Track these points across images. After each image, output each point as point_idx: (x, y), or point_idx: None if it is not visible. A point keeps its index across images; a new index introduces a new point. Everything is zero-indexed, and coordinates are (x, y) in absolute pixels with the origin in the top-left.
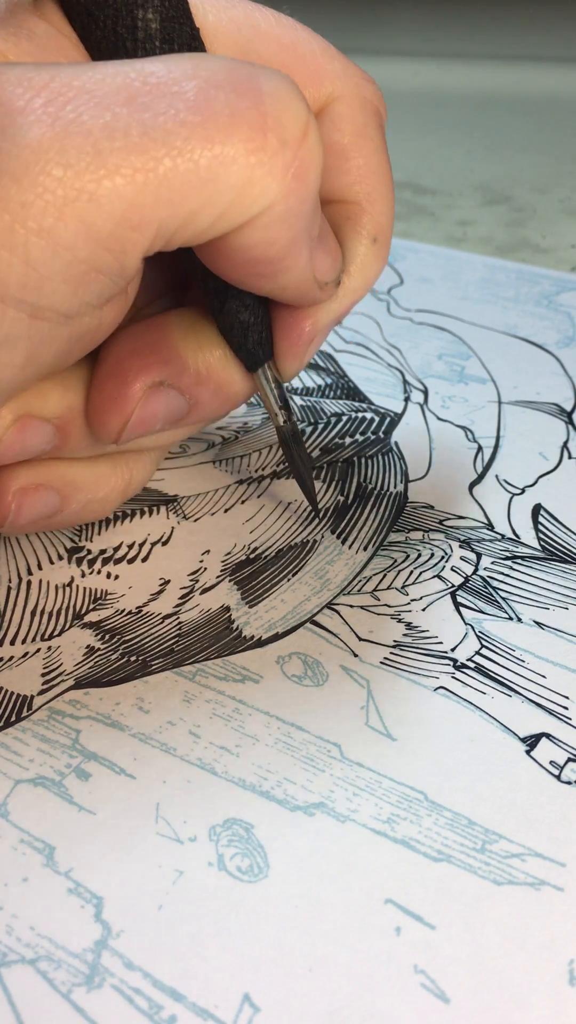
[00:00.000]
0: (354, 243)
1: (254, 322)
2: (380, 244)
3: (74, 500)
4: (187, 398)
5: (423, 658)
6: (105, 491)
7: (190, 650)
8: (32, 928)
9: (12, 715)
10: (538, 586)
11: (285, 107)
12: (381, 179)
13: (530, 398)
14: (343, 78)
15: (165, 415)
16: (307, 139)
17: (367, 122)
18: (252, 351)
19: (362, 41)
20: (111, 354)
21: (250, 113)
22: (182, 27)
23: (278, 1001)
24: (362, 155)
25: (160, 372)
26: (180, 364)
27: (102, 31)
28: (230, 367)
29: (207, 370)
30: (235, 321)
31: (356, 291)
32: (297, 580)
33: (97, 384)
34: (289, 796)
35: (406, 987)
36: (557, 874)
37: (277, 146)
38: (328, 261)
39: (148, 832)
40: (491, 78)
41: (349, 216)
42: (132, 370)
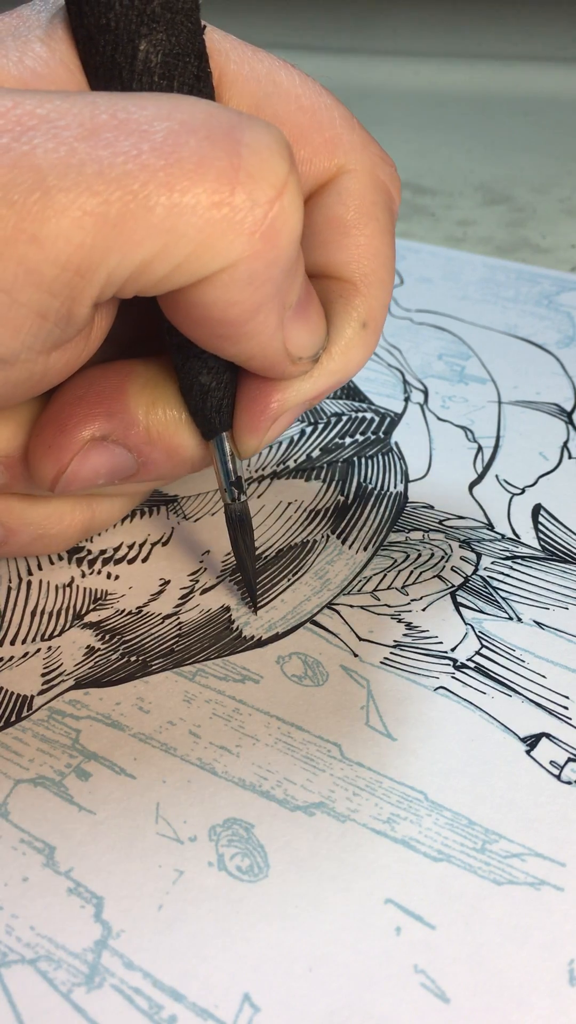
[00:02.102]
0: (342, 324)
1: (215, 387)
2: (370, 330)
3: (22, 534)
4: (135, 456)
5: (423, 658)
6: (58, 528)
7: (190, 650)
8: (32, 928)
9: (12, 715)
10: (538, 586)
11: (262, 161)
12: (381, 263)
13: (530, 398)
14: (359, 152)
15: (108, 471)
16: (282, 199)
17: (376, 201)
18: (208, 418)
19: (362, 41)
20: (59, 398)
21: (220, 163)
22: (187, 65)
23: (278, 1001)
24: (364, 234)
25: (104, 425)
26: (128, 419)
27: (100, 57)
28: (183, 431)
29: (157, 431)
30: (195, 382)
31: (335, 374)
32: (297, 580)
33: (37, 428)
34: (289, 796)
35: (406, 987)
36: (557, 874)
37: (246, 202)
38: (305, 335)
39: (148, 832)
40: (491, 78)
41: (341, 295)
42: (73, 419)
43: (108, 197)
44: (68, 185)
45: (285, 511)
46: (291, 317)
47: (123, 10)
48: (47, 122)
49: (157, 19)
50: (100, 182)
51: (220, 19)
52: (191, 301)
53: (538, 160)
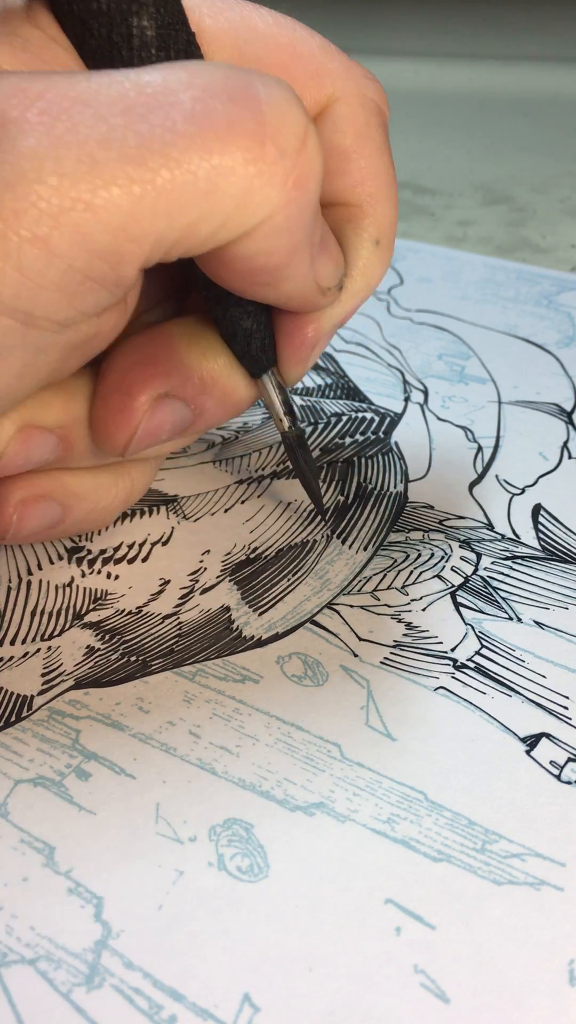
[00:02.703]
0: (356, 246)
1: (257, 329)
2: (383, 246)
3: (76, 510)
4: (192, 408)
5: (423, 658)
6: (107, 501)
7: (190, 650)
8: (32, 928)
9: (12, 715)
10: (538, 586)
11: (283, 115)
12: (384, 180)
13: (530, 398)
14: (344, 78)
15: (171, 426)
16: (306, 147)
17: (369, 122)
18: (256, 358)
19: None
20: (115, 366)
21: (248, 123)
22: (178, 33)
23: (278, 1001)
24: (364, 156)
25: (165, 383)
26: (185, 374)
27: (97, 40)
28: (234, 375)
29: (211, 379)
30: (238, 328)
31: (359, 294)
32: (297, 580)
33: (102, 397)
34: (289, 796)
35: (406, 987)
36: (557, 874)
37: (276, 155)
38: (330, 266)
39: (148, 832)
40: (491, 78)
41: (351, 219)
42: (137, 382)
43: (152, 165)
44: (114, 157)
45: (285, 511)
46: (317, 253)
47: None
48: (81, 102)
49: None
50: (144, 152)
51: None
52: (233, 255)
53: (538, 160)
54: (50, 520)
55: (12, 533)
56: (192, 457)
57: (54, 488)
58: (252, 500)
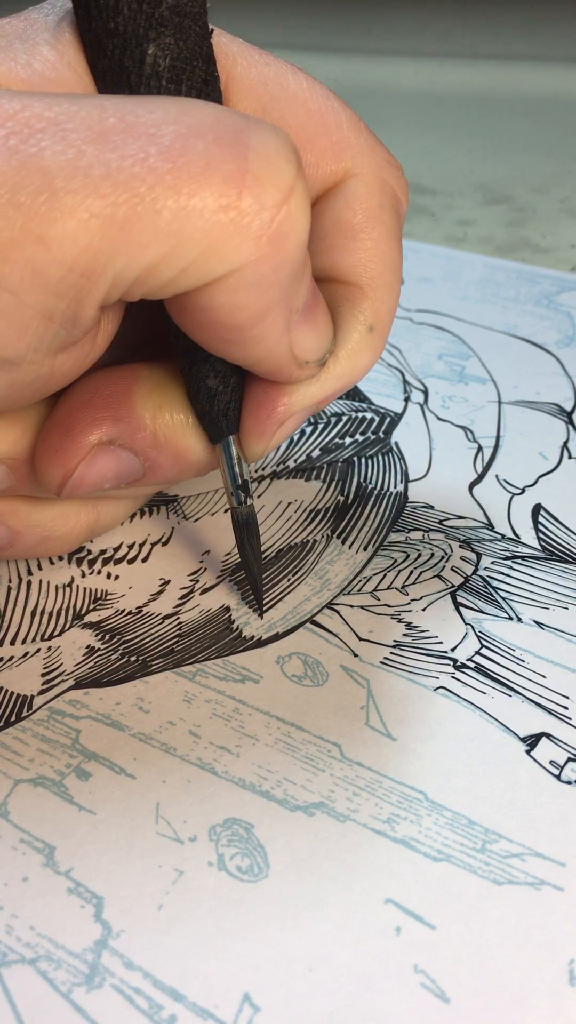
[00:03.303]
0: (349, 328)
1: (222, 390)
2: (376, 334)
3: (27, 536)
4: (142, 460)
5: (423, 658)
6: (64, 530)
7: (190, 650)
8: (32, 928)
9: (12, 715)
10: (538, 586)
11: (269, 165)
12: (388, 266)
13: (530, 398)
14: (366, 155)
15: (115, 475)
16: (289, 203)
17: (383, 205)
18: (215, 421)
19: (362, 41)
20: (66, 401)
21: (227, 167)
22: (195, 70)
23: (278, 1001)
24: (371, 238)
25: (111, 430)
26: (135, 423)
27: (109, 61)
28: (190, 435)
29: (164, 435)
30: (202, 386)
31: (342, 378)
32: (297, 580)
33: (44, 431)
34: (289, 796)
35: (406, 987)
36: (557, 874)
37: (253, 206)
38: (311, 339)
39: (148, 832)
40: (491, 78)
41: (348, 299)
42: (80, 423)
43: (115, 199)
44: (75, 187)
45: (285, 511)
46: (298, 321)
47: (131, 14)
48: (55, 124)
49: (165, 23)
50: (107, 184)
51: (219, 19)
52: (198, 305)
53: (538, 160)
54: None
55: None
56: None
57: (3, 512)
58: None
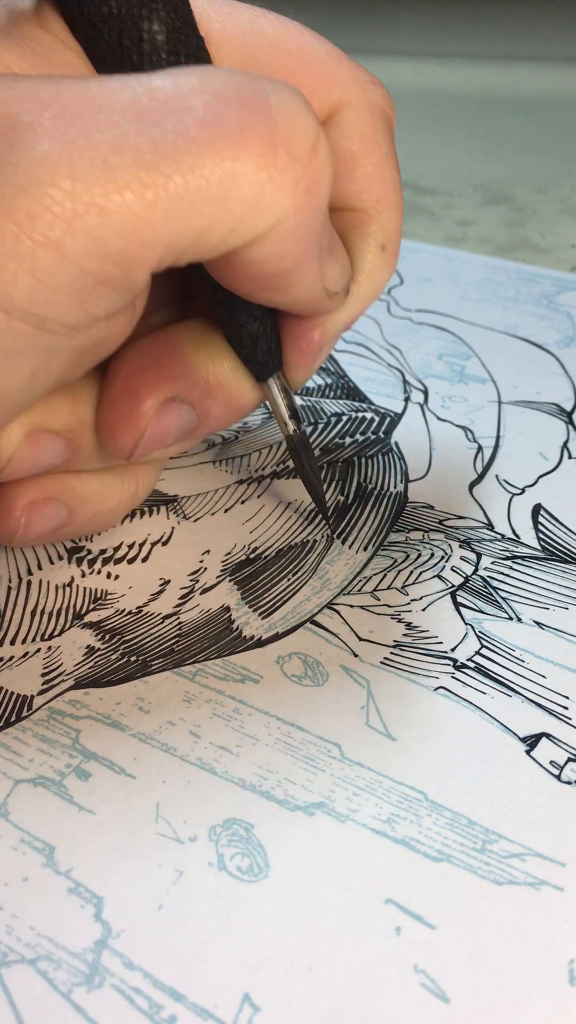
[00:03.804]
0: (362, 251)
1: (263, 333)
2: (388, 251)
3: (82, 512)
4: (197, 411)
5: (423, 658)
6: (113, 503)
7: (190, 650)
8: (32, 928)
9: (12, 715)
10: (538, 586)
11: (295, 121)
12: (390, 186)
13: (530, 398)
14: (351, 83)
15: (177, 430)
16: (317, 152)
17: (376, 128)
18: (262, 362)
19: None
20: (122, 370)
21: (260, 128)
22: (188, 38)
23: (278, 1001)
24: (370, 162)
25: (172, 388)
26: (191, 378)
27: (107, 43)
28: (240, 378)
29: (218, 383)
30: (244, 332)
31: (365, 299)
32: (297, 580)
33: (108, 401)
34: (289, 796)
35: (406, 987)
36: (557, 874)
37: (287, 160)
38: (337, 271)
39: (148, 832)
40: (491, 78)
41: (357, 224)
42: (144, 387)
43: (165, 171)
44: (127, 162)
45: (285, 511)
46: (324, 257)
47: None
48: (93, 107)
49: None
50: (156, 157)
51: None
52: (243, 260)
53: (538, 160)
54: (57, 523)
55: (20, 536)
56: (192, 457)
57: (60, 490)
58: (252, 500)
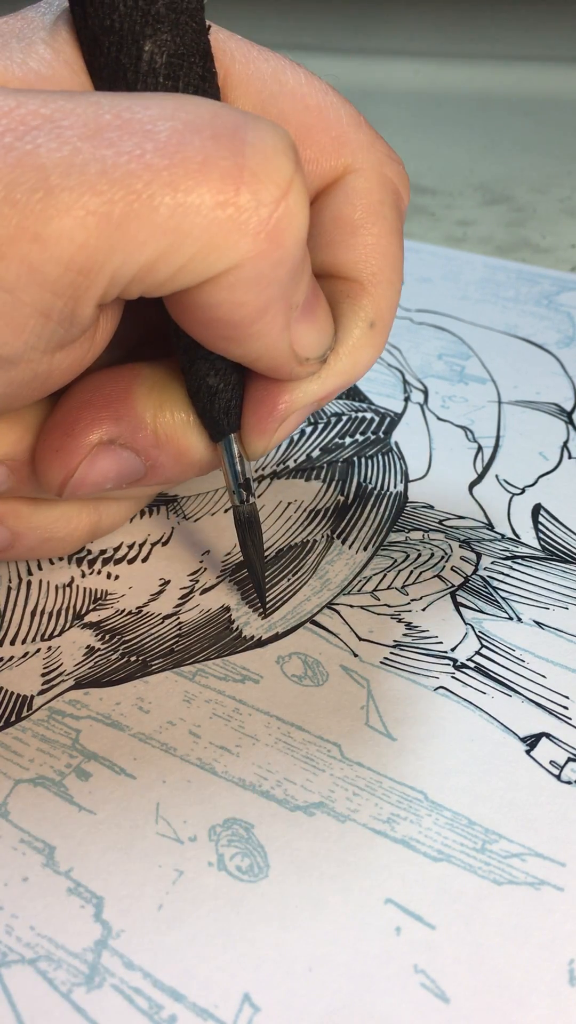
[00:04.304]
0: (349, 324)
1: (222, 388)
2: (378, 330)
3: (28, 538)
4: (143, 460)
5: (423, 658)
6: (65, 532)
7: (190, 650)
8: (32, 928)
9: (12, 715)
10: (538, 586)
11: (267, 161)
12: (389, 262)
13: (530, 398)
14: (366, 151)
15: (116, 475)
16: (287, 199)
17: (383, 200)
18: (216, 419)
19: (362, 41)
20: (66, 401)
21: (224, 163)
22: (192, 66)
23: (278, 1001)
24: (372, 234)
25: (112, 429)
26: (136, 423)
27: (105, 58)
28: (191, 434)
29: (165, 433)
30: (202, 384)
31: (343, 374)
32: (297, 580)
33: (44, 432)
34: (289, 796)
35: (406, 987)
36: (557, 874)
37: (251, 202)
38: (312, 335)
39: (148, 832)
40: (491, 78)
41: (349, 295)
42: (81, 423)
43: (112, 196)
44: (71, 184)
45: (285, 511)
46: (298, 318)
47: (127, 11)
48: (50, 122)
49: (162, 20)
50: (103, 181)
51: (219, 18)
52: (197, 302)
53: (538, 160)
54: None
55: None
56: None
57: (4, 514)
58: None
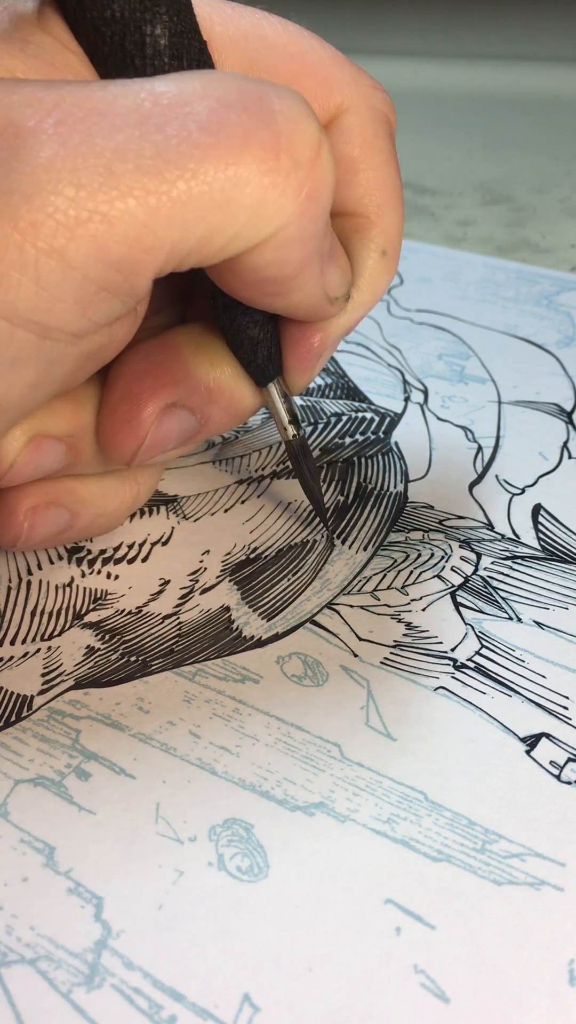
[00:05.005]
0: (363, 256)
1: (263, 338)
2: (389, 256)
3: (84, 516)
4: (198, 416)
5: (423, 658)
6: (114, 505)
7: (190, 650)
8: (32, 928)
9: (12, 715)
10: (538, 586)
11: (297, 126)
12: (390, 190)
13: (530, 398)
14: (353, 87)
15: (177, 435)
16: (320, 158)
17: (377, 132)
18: (262, 367)
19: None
20: (122, 375)
21: (263, 133)
22: (190, 42)
23: (278, 1001)
24: (371, 167)
25: (172, 393)
26: (192, 383)
27: (109, 47)
28: (240, 384)
29: (218, 388)
30: (245, 337)
31: (365, 304)
32: (297, 580)
33: (109, 407)
34: (289, 796)
35: (406, 987)
36: (557, 874)
37: (290, 166)
38: (338, 276)
39: (148, 832)
40: (491, 78)
41: (358, 229)
42: (145, 392)
43: (168, 176)
44: (130, 168)
45: (285, 511)
46: (326, 263)
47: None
48: (96, 113)
49: (159, 2)
50: (159, 163)
51: None
52: (245, 265)
53: (538, 160)
54: (59, 527)
55: (23, 540)
56: (192, 457)
57: (62, 495)
58: (252, 500)
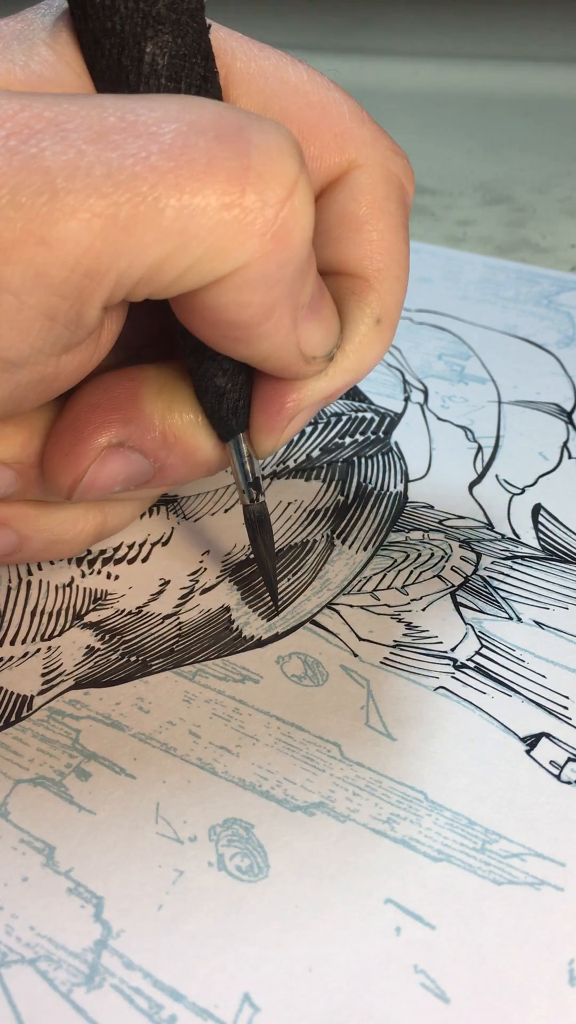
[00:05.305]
0: (355, 320)
1: (230, 388)
2: (384, 326)
3: (35, 540)
4: (152, 461)
5: (423, 658)
6: (72, 534)
7: (190, 650)
8: (32, 928)
9: (12, 715)
10: (538, 586)
11: (272, 162)
12: (394, 258)
13: (530, 398)
14: (370, 146)
15: (125, 477)
16: (293, 199)
17: (388, 196)
18: (225, 419)
19: (362, 41)
20: (76, 405)
21: (230, 164)
22: (194, 67)
23: (278, 1001)
24: (377, 230)
25: (121, 432)
26: (145, 424)
27: (107, 60)
28: (199, 434)
29: (173, 435)
30: (210, 385)
31: (350, 371)
32: (297, 580)
33: (53, 436)
34: (289, 796)
35: (406, 987)
36: (557, 874)
37: (256, 203)
38: (319, 334)
39: (148, 832)
40: (491, 78)
41: (354, 291)
42: (90, 426)
43: (117, 199)
44: (77, 187)
45: (285, 511)
46: (304, 317)
47: (128, 13)
48: (55, 125)
49: (163, 20)
50: (108, 184)
51: (219, 18)
52: (204, 303)
53: (538, 160)
54: (5, 548)
55: None
56: None
57: (12, 517)
58: None
